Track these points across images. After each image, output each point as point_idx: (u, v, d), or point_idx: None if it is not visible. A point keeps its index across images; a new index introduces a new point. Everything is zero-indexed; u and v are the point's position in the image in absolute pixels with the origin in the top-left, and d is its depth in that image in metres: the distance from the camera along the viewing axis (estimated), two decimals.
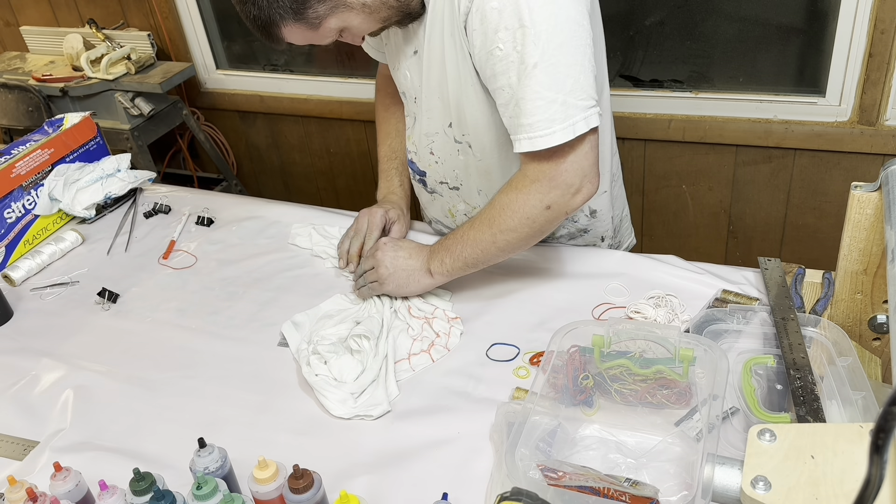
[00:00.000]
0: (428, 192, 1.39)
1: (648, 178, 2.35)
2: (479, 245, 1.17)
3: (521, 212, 1.11)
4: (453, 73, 1.15)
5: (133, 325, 1.32)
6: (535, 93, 1.03)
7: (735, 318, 1.12)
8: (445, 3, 1.09)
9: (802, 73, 2.08)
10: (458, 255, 1.19)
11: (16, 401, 1.17)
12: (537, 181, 1.09)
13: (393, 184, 1.46)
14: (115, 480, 0.90)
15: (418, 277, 1.23)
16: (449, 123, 1.23)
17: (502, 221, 1.13)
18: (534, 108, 1.04)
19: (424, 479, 0.96)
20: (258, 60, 2.78)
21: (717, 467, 0.73)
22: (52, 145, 1.58)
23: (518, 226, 1.13)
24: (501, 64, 1.05)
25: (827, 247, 2.19)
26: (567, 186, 1.08)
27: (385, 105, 1.51)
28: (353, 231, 1.37)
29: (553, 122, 1.04)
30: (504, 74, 1.05)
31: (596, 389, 1.01)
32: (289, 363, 1.19)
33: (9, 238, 1.51)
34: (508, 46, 1.03)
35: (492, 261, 1.19)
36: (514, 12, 1.01)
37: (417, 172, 1.37)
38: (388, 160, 1.47)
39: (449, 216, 1.41)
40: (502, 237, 1.14)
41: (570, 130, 1.04)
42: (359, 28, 1.10)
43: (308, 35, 1.08)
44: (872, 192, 0.98)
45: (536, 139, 1.05)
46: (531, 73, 1.02)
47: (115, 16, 2.79)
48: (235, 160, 3.02)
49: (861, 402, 0.91)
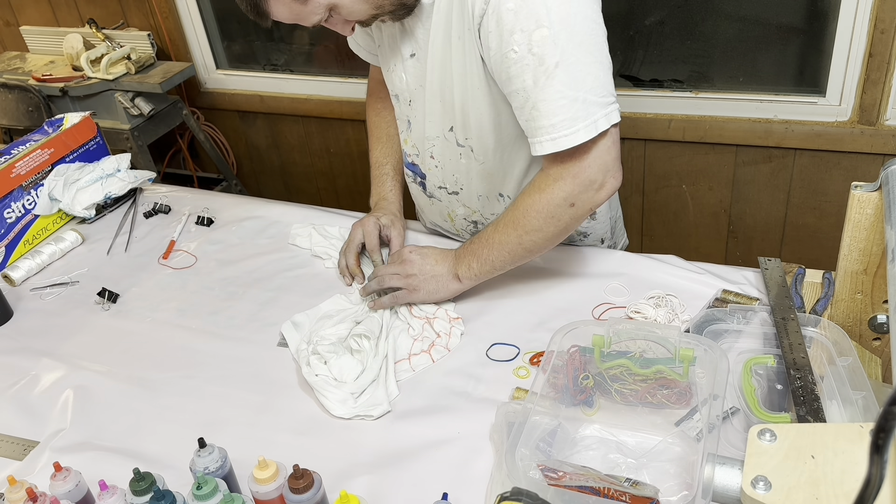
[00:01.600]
0: (427, 195, 1.39)
1: (648, 178, 2.35)
2: (506, 247, 1.17)
3: (546, 211, 1.12)
4: (459, 75, 1.14)
5: (133, 325, 1.32)
6: (557, 92, 1.03)
7: (735, 318, 1.12)
8: (454, 6, 1.08)
9: (802, 73, 2.08)
10: (485, 259, 1.19)
11: (16, 401, 1.17)
12: (560, 179, 1.10)
13: (385, 189, 1.44)
14: (115, 480, 0.90)
15: (447, 283, 1.23)
16: (450, 127, 1.23)
17: (528, 222, 1.14)
18: (556, 108, 1.04)
19: (424, 479, 0.96)
20: (258, 60, 2.78)
21: (718, 467, 0.73)
22: (52, 145, 1.58)
23: (543, 225, 1.13)
24: (516, 67, 1.04)
25: (827, 247, 2.19)
26: (590, 183, 1.09)
27: (376, 109, 1.49)
28: (346, 245, 1.37)
29: (576, 121, 1.04)
30: (519, 77, 1.05)
31: (596, 389, 1.01)
32: (289, 363, 1.19)
33: (9, 238, 1.51)
34: (523, 49, 1.02)
35: (518, 262, 1.20)
36: (531, 13, 1.00)
37: (419, 175, 1.37)
38: (380, 165, 1.46)
39: (448, 220, 1.41)
40: (528, 238, 1.15)
41: (592, 128, 1.05)
42: (349, 9, 1.07)
43: (295, 9, 1.04)
44: (872, 191, 0.98)
45: (560, 139, 1.05)
46: (552, 73, 1.02)
47: (115, 16, 2.79)
48: (235, 160, 3.02)
49: (861, 402, 0.91)
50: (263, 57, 2.76)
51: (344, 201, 2.89)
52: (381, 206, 1.42)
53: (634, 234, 2.48)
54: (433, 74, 1.17)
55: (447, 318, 1.22)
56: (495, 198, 1.31)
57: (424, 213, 1.47)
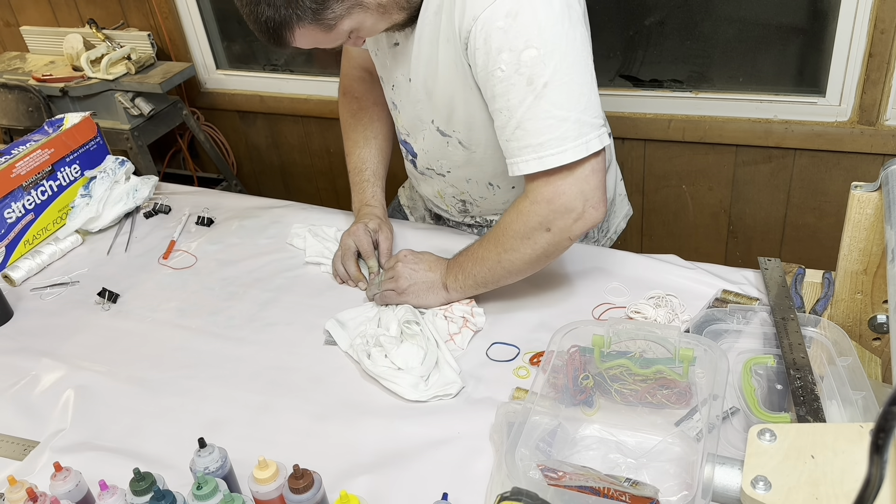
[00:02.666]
0: (419, 172, 1.38)
1: (648, 178, 2.35)
2: (487, 264, 1.16)
3: (522, 233, 1.10)
4: (445, 74, 1.13)
5: (133, 325, 1.32)
6: (545, 112, 1.01)
7: (735, 318, 1.12)
8: (443, 10, 1.06)
9: (802, 73, 2.08)
10: (469, 272, 1.19)
11: (16, 401, 1.17)
12: (536, 203, 1.07)
13: (366, 195, 1.44)
14: (115, 480, 0.90)
15: (436, 291, 1.23)
16: (431, 120, 1.23)
17: (505, 242, 1.12)
18: (544, 128, 1.02)
19: (424, 479, 0.96)
20: (258, 60, 2.78)
21: (718, 467, 0.73)
22: (52, 145, 1.58)
23: (520, 247, 1.11)
24: (502, 85, 1.03)
25: (827, 247, 2.19)
26: (567, 210, 1.06)
27: (352, 111, 1.47)
28: (342, 255, 1.36)
29: (565, 140, 1.02)
30: (503, 96, 1.03)
31: (596, 389, 1.01)
32: (289, 363, 1.19)
33: (9, 238, 1.51)
34: (511, 68, 1.01)
35: (501, 282, 1.18)
36: (521, 33, 0.99)
37: (410, 153, 1.36)
38: (359, 172, 1.45)
39: (439, 197, 1.41)
40: (506, 257, 1.13)
41: (583, 148, 1.02)
42: (370, 29, 1.07)
43: (319, 38, 1.04)
44: (872, 192, 0.98)
45: (546, 158, 1.03)
46: (541, 93, 1.00)
47: (115, 16, 2.79)
48: (235, 160, 3.02)
49: (861, 402, 0.91)
50: (263, 57, 2.77)
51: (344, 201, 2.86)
52: (366, 211, 1.42)
53: (634, 234, 2.48)
54: (418, 67, 1.16)
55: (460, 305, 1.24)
56: (485, 185, 1.31)
57: (418, 186, 1.46)
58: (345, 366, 1.17)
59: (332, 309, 1.28)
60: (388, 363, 1.13)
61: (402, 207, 1.65)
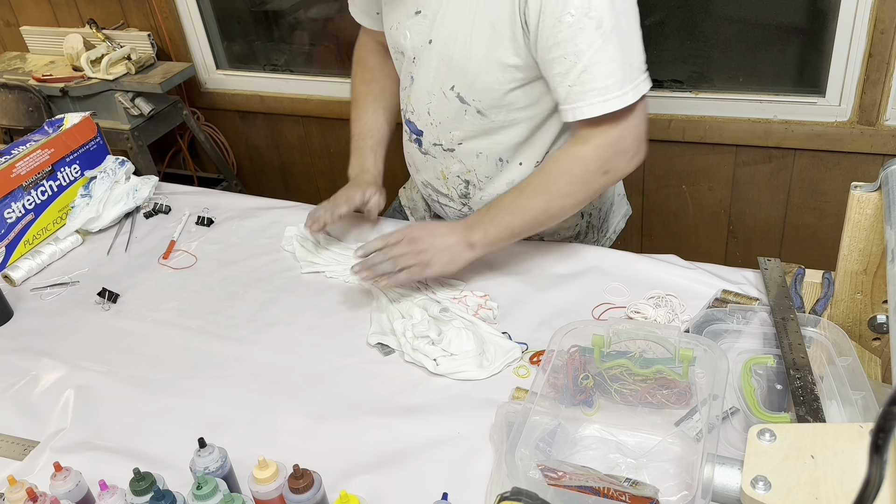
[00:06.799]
0: (422, 153, 1.37)
1: (648, 178, 2.35)
2: (531, 212, 1.19)
3: (581, 177, 1.14)
4: (480, 36, 1.14)
5: (133, 325, 1.32)
6: (611, 56, 1.06)
7: (735, 318, 1.12)
8: None
9: (802, 73, 2.08)
10: (504, 224, 1.20)
11: (16, 401, 1.17)
12: (601, 147, 1.12)
13: (367, 162, 1.44)
14: (115, 480, 0.90)
15: (460, 252, 1.22)
16: (451, 86, 1.23)
17: (559, 188, 1.16)
18: (608, 71, 1.06)
19: (424, 479, 0.96)
20: (258, 60, 2.78)
21: (717, 467, 0.73)
22: (52, 145, 1.58)
23: (575, 191, 1.16)
24: (570, 30, 1.05)
25: (827, 247, 2.19)
26: (625, 151, 1.13)
27: (364, 80, 1.48)
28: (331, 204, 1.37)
29: (625, 83, 1.07)
30: (571, 41, 1.06)
31: (596, 389, 1.01)
32: (289, 363, 1.19)
33: (9, 238, 1.51)
34: (581, 12, 1.04)
35: (539, 228, 1.22)
36: None
37: (414, 132, 1.36)
38: (364, 137, 1.45)
39: (441, 178, 1.40)
40: (558, 203, 1.17)
41: (638, 90, 1.08)
42: None
43: None
44: (872, 192, 0.98)
45: (612, 100, 1.07)
46: (609, 37, 1.05)
47: (115, 16, 2.80)
48: (235, 160, 3.02)
49: (861, 402, 0.91)
50: (263, 57, 2.76)
51: None
52: (364, 178, 1.43)
53: (634, 234, 2.48)
54: (440, 31, 1.17)
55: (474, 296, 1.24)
56: (495, 160, 1.31)
57: (418, 171, 1.45)
58: (345, 366, 1.17)
59: (332, 309, 1.28)
60: (439, 352, 1.13)
61: (402, 208, 1.65)
